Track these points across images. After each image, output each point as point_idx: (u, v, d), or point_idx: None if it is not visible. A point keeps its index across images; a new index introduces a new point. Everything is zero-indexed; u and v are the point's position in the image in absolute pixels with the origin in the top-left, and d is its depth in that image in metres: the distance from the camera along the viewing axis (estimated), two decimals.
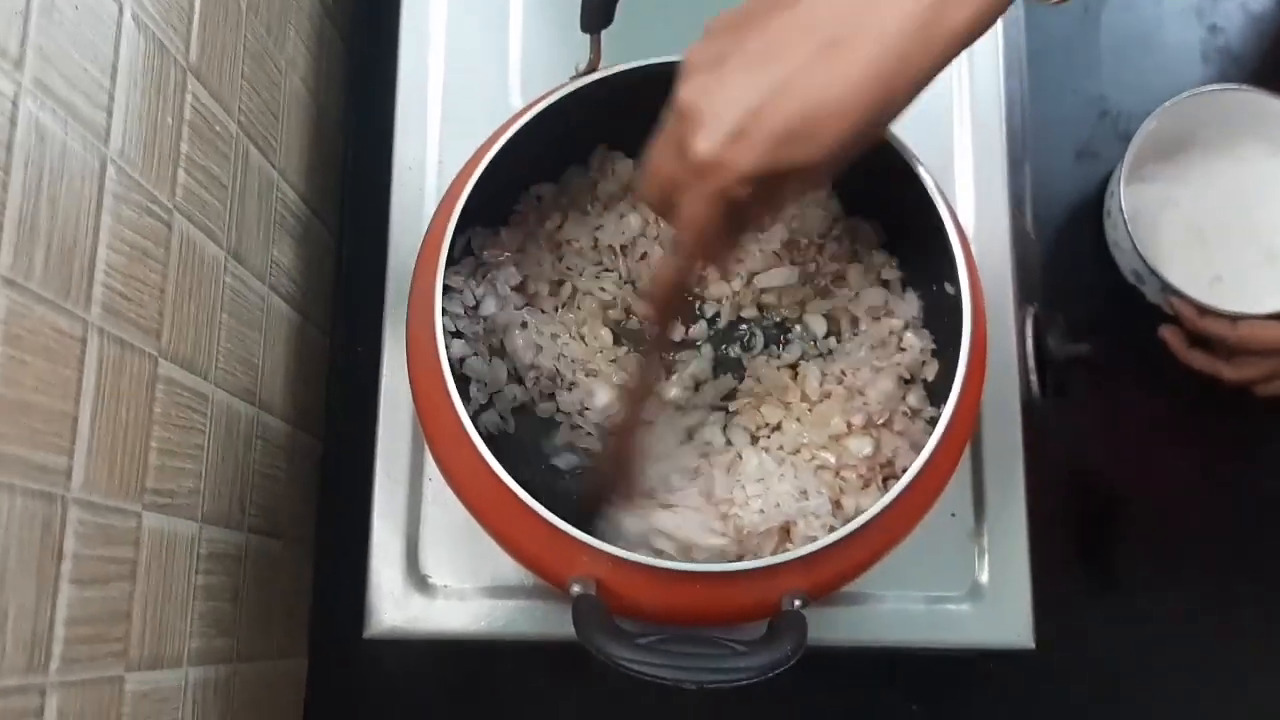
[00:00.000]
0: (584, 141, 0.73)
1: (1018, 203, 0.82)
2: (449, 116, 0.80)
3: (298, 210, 0.81)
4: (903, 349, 0.71)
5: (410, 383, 0.64)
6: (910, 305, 0.73)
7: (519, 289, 0.74)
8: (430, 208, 0.78)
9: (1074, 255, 0.89)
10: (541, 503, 0.57)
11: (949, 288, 0.64)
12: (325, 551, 0.82)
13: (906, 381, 0.71)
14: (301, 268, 0.81)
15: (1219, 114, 0.87)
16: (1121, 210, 0.83)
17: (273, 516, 0.76)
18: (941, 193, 0.64)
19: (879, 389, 0.70)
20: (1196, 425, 0.87)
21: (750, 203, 0.53)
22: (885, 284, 0.74)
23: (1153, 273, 0.83)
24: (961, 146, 0.81)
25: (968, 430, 0.63)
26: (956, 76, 0.82)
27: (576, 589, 0.56)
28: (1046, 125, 0.89)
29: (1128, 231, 0.83)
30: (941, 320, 0.70)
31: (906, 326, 0.72)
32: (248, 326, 0.72)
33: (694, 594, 0.57)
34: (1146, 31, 0.94)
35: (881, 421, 0.69)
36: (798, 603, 0.56)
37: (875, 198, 0.74)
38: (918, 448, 0.59)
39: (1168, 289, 0.83)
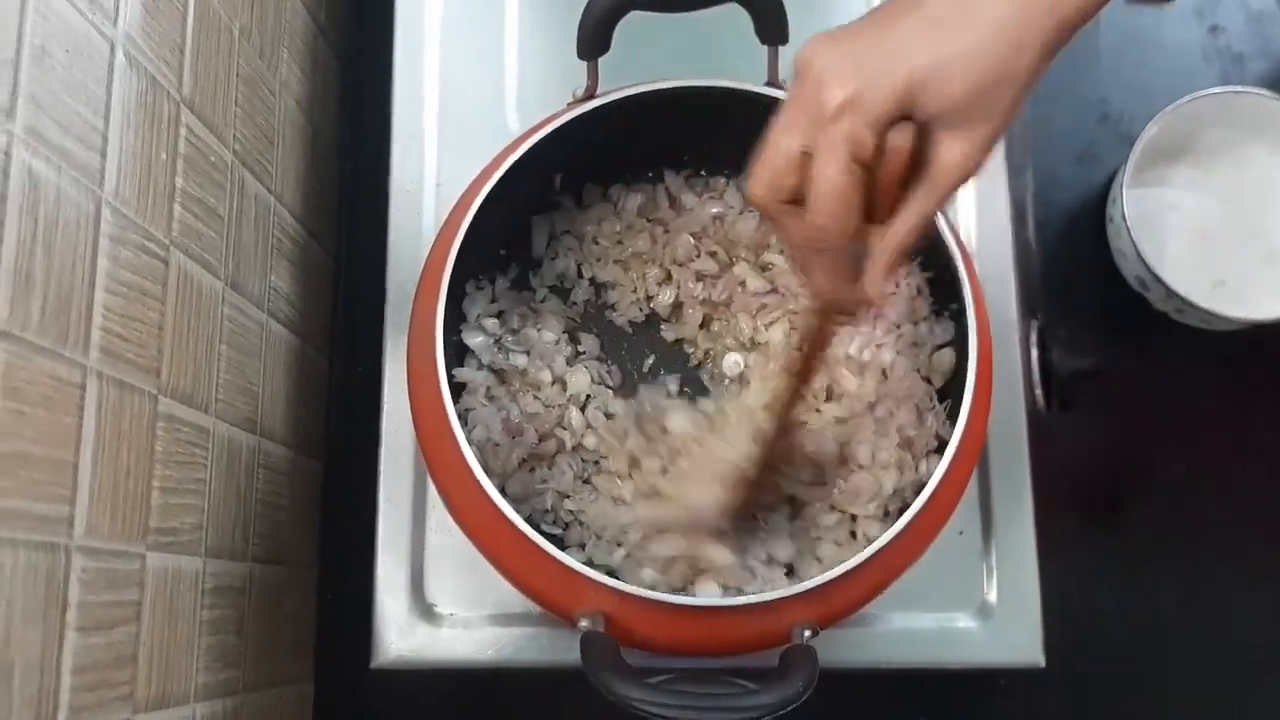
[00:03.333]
0: (583, 167, 0.73)
1: (1019, 210, 0.82)
2: (446, 138, 0.79)
3: (295, 234, 0.80)
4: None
5: (412, 417, 0.64)
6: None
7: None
8: (429, 228, 0.78)
9: (1077, 263, 0.89)
10: (547, 537, 0.56)
11: (952, 305, 0.64)
12: (330, 577, 0.82)
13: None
14: (300, 292, 0.81)
15: (1221, 116, 0.86)
16: (1125, 218, 0.83)
17: (276, 544, 0.75)
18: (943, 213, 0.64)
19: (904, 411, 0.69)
20: (1205, 435, 0.86)
21: (884, 174, 0.51)
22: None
23: (1157, 279, 0.82)
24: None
25: (975, 453, 0.62)
26: None
27: (585, 624, 0.56)
28: (1047, 130, 0.89)
29: (1131, 239, 0.83)
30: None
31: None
32: (247, 355, 0.71)
33: (703, 627, 0.57)
34: (1147, 33, 0.93)
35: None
36: (808, 633, 0.56)
37: None
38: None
39: (1171, 294, 0.82)
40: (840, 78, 0.50)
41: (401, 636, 0.71)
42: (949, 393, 0.68)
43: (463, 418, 0.62)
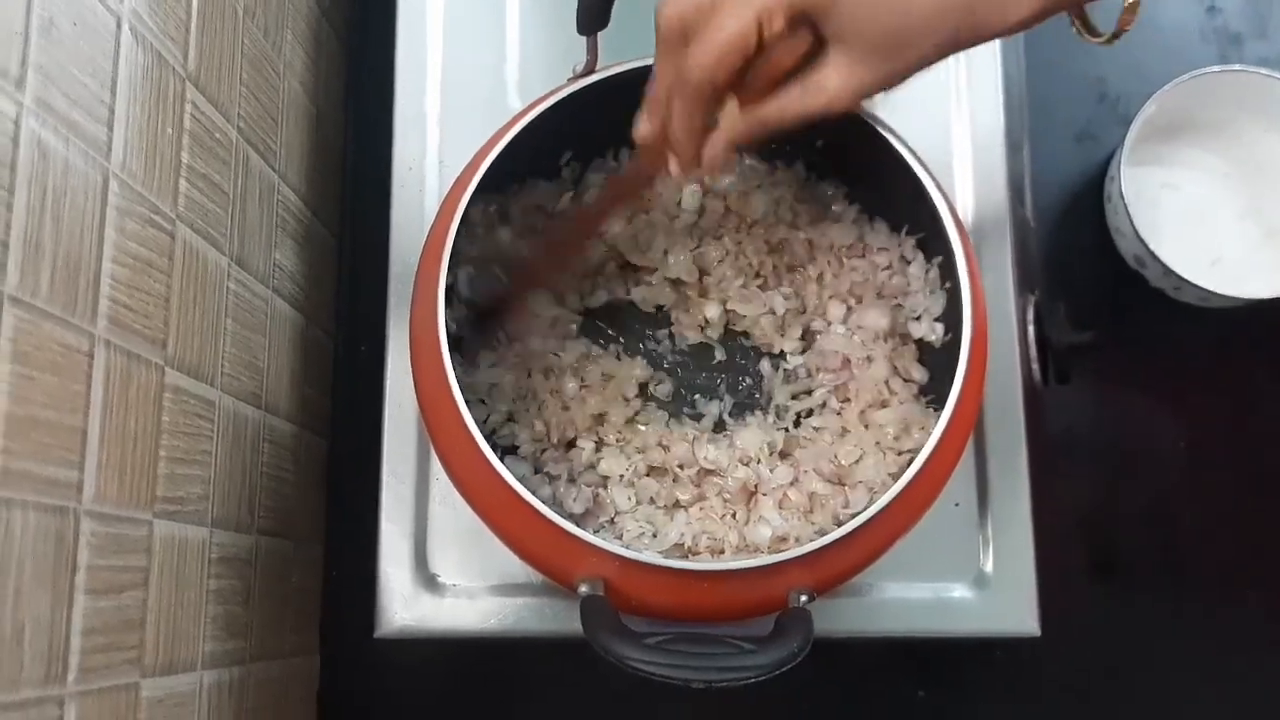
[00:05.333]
0: (584, 141, 0.73)
1: (1017, 188, 0.82)
2: (448, 116, 0.80)
3: (299, 212, 0.81)
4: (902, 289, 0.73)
5: (415, 387, 0.65)
6: (884, 238, 0.74)
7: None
8: (431, 206, 0.78)
9: (1075, 240, 0.89)
10: (547, 503, 0.57)
11: (947, 285, 0.65)
12: (335, 550, 0.83)
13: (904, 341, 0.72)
14: (304, 269, 0.82)
15: (1218, 95, 0.87)
16: (1122, 195, 0.83)
17: (282, 517, 0.76)
18: (939, 186, 0.65)
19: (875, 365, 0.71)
20: (1202, 410, 0.87)
21: (769, 62, 0.54)
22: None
23: (1154, 257, 0.83)
24: (959, 132, 0.81)
25: (970, 423, 0.63)
26: (953, 61, 0.81)
27: (584, 589, 0.57)
28: (1045, 109, 0.89)
29: (1128, 216, 0.83)
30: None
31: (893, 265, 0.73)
32: (252, 331, 0.72)
33: (701, 592, 0.57)
34: (1145, 13, 0.94)
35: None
36: (804, 598, 0.57)
37: (875, 191, 0.74)
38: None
39: (1168, 272, 0.83)
40: None
41: (406, 607, 0.72)
42: (943, 367, 0.68)
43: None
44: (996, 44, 0.82)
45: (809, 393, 0.74)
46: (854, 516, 0.58)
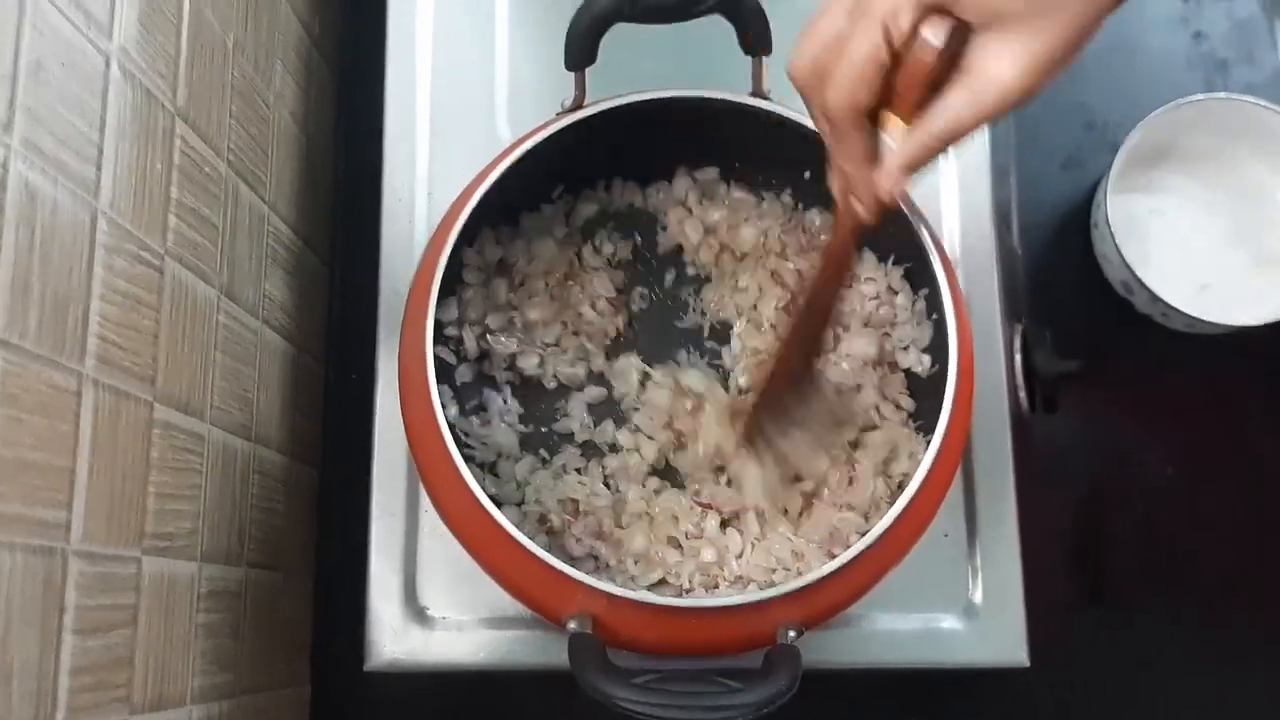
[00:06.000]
0: (573, 174, 0.74)
1: (1004, 215, 0.83)
2: (437, 146, 0.80)
3: (289, 242, 0.81)
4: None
5: (403, 420, 0.65)
6: (871, 268, 0.74)
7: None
8: (420, 235, 0.79)
9: (1062, 267, 0.90)
10: (535, 540, 0.57)
11: (933, 316, 0.65)
12: (325, 581, 0.83)
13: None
14: (294, 299, 0.82)
15: (1204, 122, 0.87)
16: (1108, 222, 0.84)
17: (272, 549, 0.76)
18: (925, 221, 0.65)
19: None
20: (1188, 437, 0.87)
21: (909, 67, 0.49)
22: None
23: (1141, 284, 0.83)
24: (945, 160, 0.81)
25: (957, 455, 0.63)
26: None
27: (572, 626, 0.57)
28: (1032, 136, 0.90)
29: (1114, 243, 0.84)
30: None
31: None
32: (242, 363, 0.72)
33: (689, 628, 0.58)
34: (1131, 40, 0.95)
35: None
36: (793, 634, 0.57)
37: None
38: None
39: (1156, 299, 0.83)
40: None
41: (395, 640, 0.72)
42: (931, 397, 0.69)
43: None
44: None
45: None
46: (845, 549, 0.58)
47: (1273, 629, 0.84)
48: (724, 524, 0.69)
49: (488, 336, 0.73)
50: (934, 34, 0.48)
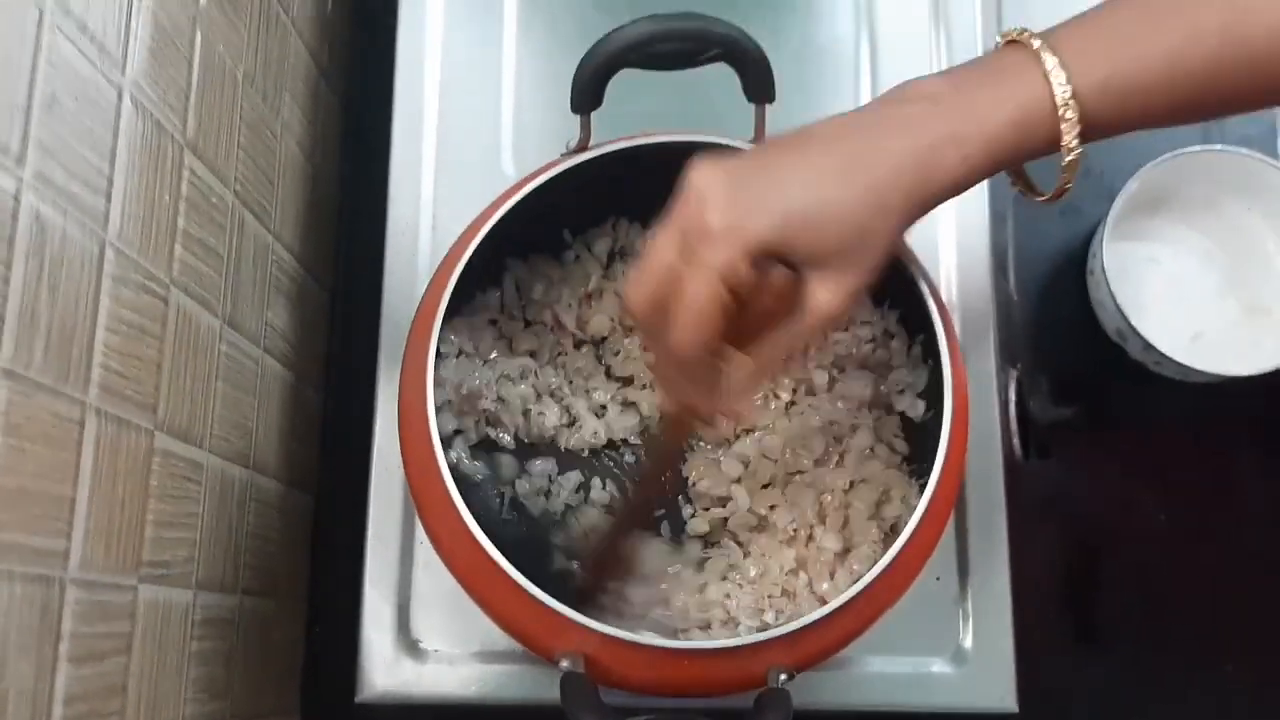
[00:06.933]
0: (576, 215, 0.75)
1: (1000, 260, 0.83)
2: (442, 181, 0.81)
3: (292, 272, 0.82)
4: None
5: (402, 456, 0.65)
6: (867, 311, 0.75)
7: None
8: (423, 269, 0.79)
9: (1057, 313, 0.90)
10: (530, 578, 0.57)
11: (929, 361, 0.66)
12: (318, 610, 0.83)
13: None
14: (296, 328, 0.82)
15: (1201, 173, 0.88)
16: (1104, 270, 0.85)
17: (266, 576, 0.76)
18: (923, 270, 0.66)
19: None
20: (1181, 485, 0.87)
21: (750, 302, 0.54)
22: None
23: (1135, 332, 0.84)
24: (943, 206, 0.82)
25: (950, 502, 0.64)
26: None
27: (565, 664, 0.57)
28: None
29: (1110, 291, 0.84)
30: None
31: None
32: (242, 391, 0.73)
33: (681, 669, 0.58)
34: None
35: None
36: (783, 677, 0.57)
37: None
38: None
39: (1149, 347, 0.84)
40: (719, 204, 0.53)
41: (387, 672, 0.73)
42: (925, 441, 0.69)
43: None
44: None
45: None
46: (837, 594, 0.58)
47: (1262, 676, 0.84)
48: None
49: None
50: (777, 276, 0.55)
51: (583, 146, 0.65)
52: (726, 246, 0.52)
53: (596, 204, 0.73)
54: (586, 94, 0.61)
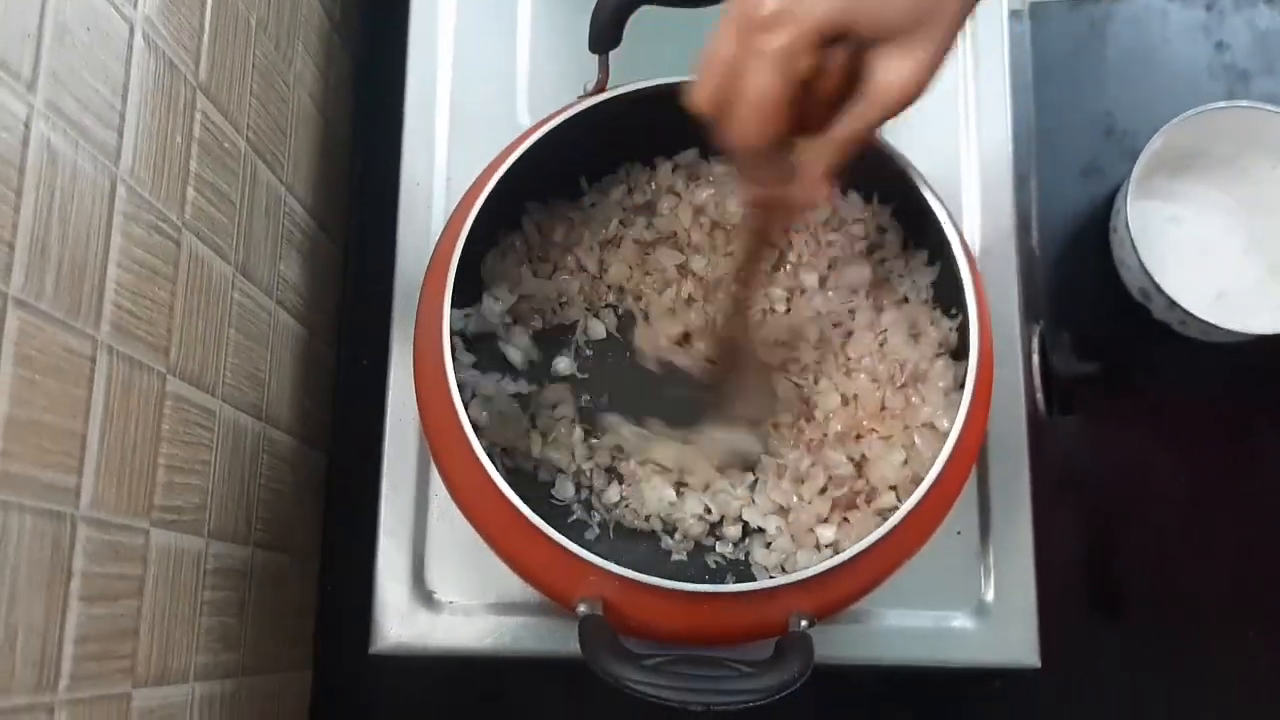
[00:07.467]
0: (593, 159, 0.73)
1: (1024, 220, 0.82)
2: (456, 132, 0.80)
3: (305, 225, 0.81)
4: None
5: (417, 401, 0.65)
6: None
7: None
8: (437, 223, 0.78)
9: (1080, 272, 0.89)
10: (548, 521, 0.57)
11: (954, 310, 0.65)
12: (331, 565, 0.83)
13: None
14: (308, 282, 0.82)
15: (1225, 131, 0.87)
16: (1128, 228, 0.84)
17: (279, 530, 0.76)
18: (950, 214, 0.65)
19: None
20: (1203, 442, 0.87)
21: (816, 86, 0.52)
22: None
23: (1159, 290, 0.83)
24: (968, 164, 0.81)
25: (974, 451, 0.63)
26: (963, 94, 0.82)
27: (583, 609, 0.56)
28: (1052, 143, 0.90)
29: (1134, 249, 0.83)
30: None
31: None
32: (255, 342, 0.72)
33: (701, 614, 0.57)
34: (1152, 48, 0.94)
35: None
36: (804, 623, 0.56)
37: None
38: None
39: (1173, 305, 0.83)
40: None
41: (401, 623, 0.72)
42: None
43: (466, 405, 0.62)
44: (1005, 78, 0.82)
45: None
46: (859, 540, 0.57)
47: None
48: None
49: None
50: (836, 59, 0.52)
51: (600, 88, 0.64)
52: (785, 33, 0.50)
53: (613, 149, 0.72)
54: (605, 32, 0.60)
